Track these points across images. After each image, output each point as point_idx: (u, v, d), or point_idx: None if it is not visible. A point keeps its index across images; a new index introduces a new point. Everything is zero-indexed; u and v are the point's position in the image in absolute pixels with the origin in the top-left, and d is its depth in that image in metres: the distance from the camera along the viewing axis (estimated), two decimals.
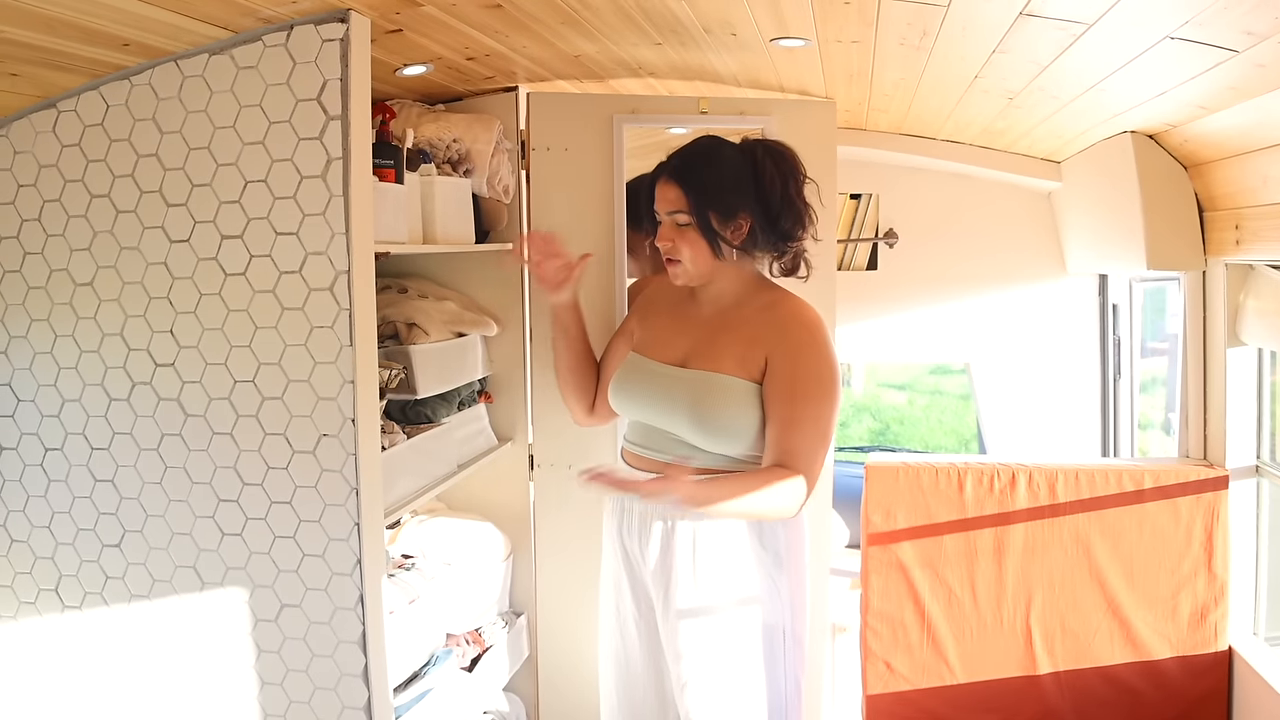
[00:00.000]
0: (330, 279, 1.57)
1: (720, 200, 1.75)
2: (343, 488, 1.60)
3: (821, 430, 1.72)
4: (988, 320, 3.25)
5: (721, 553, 1.79)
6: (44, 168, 1.67)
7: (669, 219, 1.79)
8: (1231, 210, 2.17)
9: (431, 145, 2.12)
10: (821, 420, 1.72)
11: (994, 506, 2.43)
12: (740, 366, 1.75)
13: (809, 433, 1.71)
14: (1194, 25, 1.43)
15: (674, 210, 1.77)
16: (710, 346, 1.80)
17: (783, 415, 1.71)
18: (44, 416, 1.72)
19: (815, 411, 1.72)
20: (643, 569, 1.87)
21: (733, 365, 1.76)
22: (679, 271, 1.81)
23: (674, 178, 1.78)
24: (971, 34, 1.75)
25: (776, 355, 1.73)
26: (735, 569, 1.79)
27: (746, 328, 1.78)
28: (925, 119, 2.74)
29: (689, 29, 1.89)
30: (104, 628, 1.73)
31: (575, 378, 2.07)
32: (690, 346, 1.83)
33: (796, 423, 1.70)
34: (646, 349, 1.90)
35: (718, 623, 1.80)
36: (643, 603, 1.90)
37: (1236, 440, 2.39)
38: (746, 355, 1.75)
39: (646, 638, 1.91)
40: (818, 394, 1.72)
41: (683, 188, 1.76)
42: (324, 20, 1.53)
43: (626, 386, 1.87)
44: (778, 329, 1.75)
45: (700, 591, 1.79)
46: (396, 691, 1.87)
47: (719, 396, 1.74)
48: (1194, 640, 2.38)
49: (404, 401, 2.08)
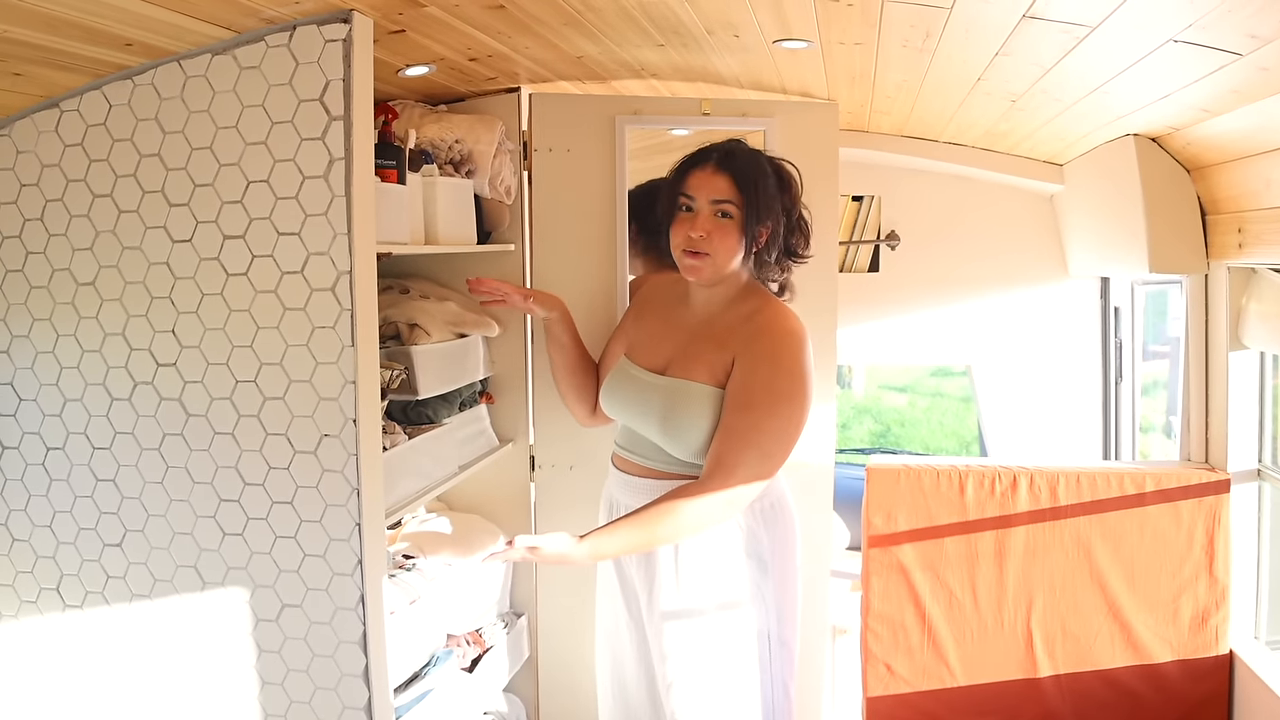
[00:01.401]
0: (332, 279, 1.57)
1: (764, 200, 1.73)
2: (344, 488, 1.60)
3: (756, 441, 1.68)
4: (989, 322, 3.24)
5: (704, 556, 1.79)
6: (46, 167, 1.67)
7: (711, 208, 1.74)
8: (1234, 213, 2.17)
9: (434, 146, 2.12)
10: (762, 431, 1.68)
11: (995, 509, 2.43)
12: (710, 373, 1.74)
13: (742, 441, 1.67)
14: (1198, 28, 1.43)
15: (721, 199, 1.73)
16: (688, 354, 1.79)
17: (725, 421, 1.70)
18: (45, 416, 1.72)
19: (756, 421, 1.68)
20: (630, 569, 1.88)
21: (704, 373, 1.75)
22: (703, 265, 1.75)
23: (726, 167, 1.74)
24: (975, 36, 1.75)
25: (739, 362, 1.72)
26: (718, 572, 1.80)
27: (721, 334, 1.77)
28: (928, 121, 2.74)
29: (691, 30, 1.89)
30: (105, 627, 1.72)
31: (574, 380, 2.09)
32: (673, 353, 1.82)
33: (734, 430, 1.68)
34: (635, 354, 1.91)
35: (701, 625, 1.80)
36: (632, 604, 1.91)
37: (1238, 444, 2.38)
38: (716, 361, 1.74)
39: (636, 638, 1.92)
40: (766, 404, 1.68)
41: (735, 180, 1.73)
42: (327, 20, 1.53)
43: (612, 393, 1.89)
44: (748, 336, 1.73)
45: (683, 594, 1.80)
46: (397, 692, 1.87)
47: (685, 405, 1.74)
48: (1195, 644, 2.38)
49: (405, 402, 2.08)
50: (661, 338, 1.86)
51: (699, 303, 1.84)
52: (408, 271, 2.36)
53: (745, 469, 1.67)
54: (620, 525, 1.70)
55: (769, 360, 1.70)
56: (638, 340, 1.92)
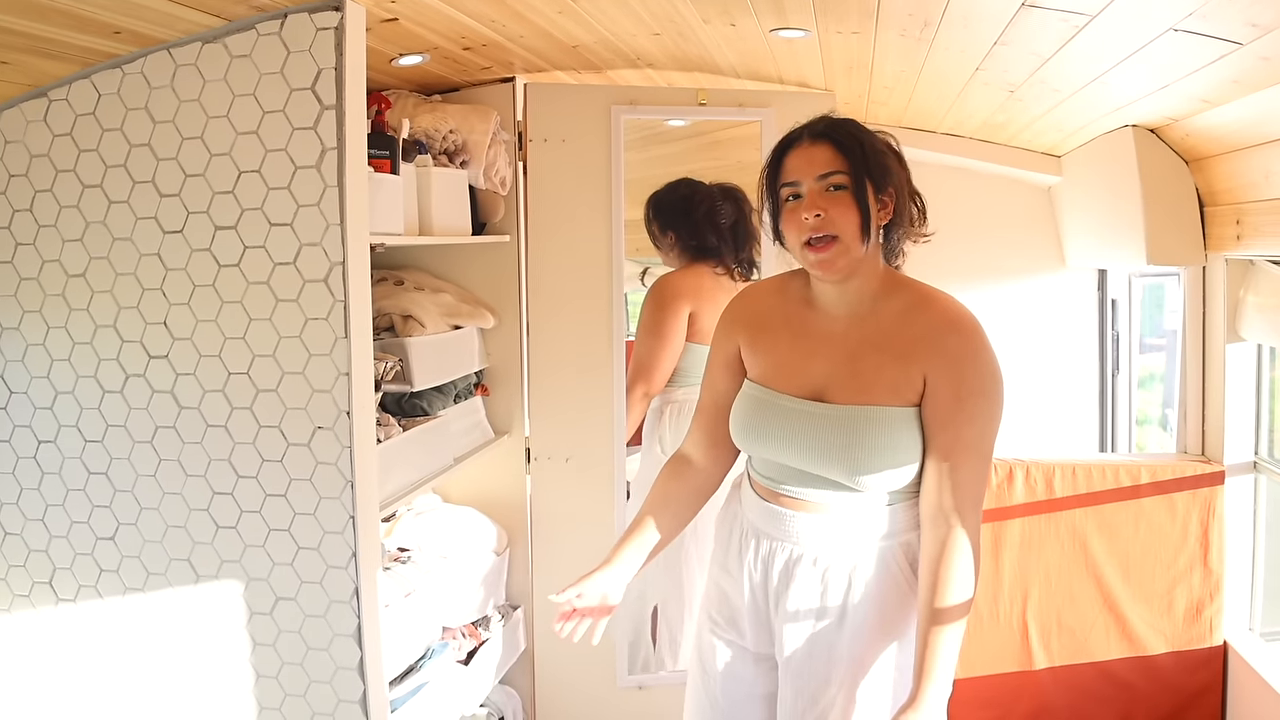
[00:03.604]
0: (325, 270, 1.56)
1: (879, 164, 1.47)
2: (338, 480, 1.59)
3: (988, 451, 1.48)
4: (986, 314, 3.22)
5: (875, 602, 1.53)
6: (35, 157, 1.65)
7: (818, 185, 1.45)
8: (1232, 205, 2.16)
9: (428, 136, 2.11)
10: (988, 440, 1.48)
11: (991, 501, 2.43)
12: (894, 393, 1.46)
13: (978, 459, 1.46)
14: (1198, 17, 1.42)
15: (828, 172, 1.45)
16: (854, 372, 1.49)
17: (945, 443, 1.45)
18: (37, 409, 1.70)
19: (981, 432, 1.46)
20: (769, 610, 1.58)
21: (886, 393, 1.47)
22: (833, 252, 1.45)
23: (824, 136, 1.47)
24: (973, 25, 1.73)
25: (935, 371, 1.45)
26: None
27: (893, 342, 1.48)
28: (925, 112, 2.73)
29: (687, 19, 1.87)
30: (98, 621, 1.72)
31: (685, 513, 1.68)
32: (826, 373, 1.51)
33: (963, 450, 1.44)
34: (770, 379, 1.55)
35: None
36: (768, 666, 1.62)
37: (1235, 436, 2.38)
38: (900, 378, 1.46)
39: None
40: (986, 410, 1.46)
41: (837, 146, 1.46)
42: (318, 8, 1.51)
43: (758, 430, 1.53)
44: (931, 338, 1.46)
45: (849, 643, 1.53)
46: (392, 685, 1.86)
47: (877, 437, 1.46)
48: (1189, 635, 2.38)
49: (400, 394, 2.07)
50: (803, 355, 1.53)
51: (838, 305, 1.53)
52: (402, 263, 2.35)
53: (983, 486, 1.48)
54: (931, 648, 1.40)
55: (969, 361, 1.46)
56: (770, 365, 1.56)
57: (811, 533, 1.51)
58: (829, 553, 1.50)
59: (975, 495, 1.46)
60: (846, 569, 1.50)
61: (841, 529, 1.49)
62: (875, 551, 1.50)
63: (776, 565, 1.53)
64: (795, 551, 1.51)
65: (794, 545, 1.52)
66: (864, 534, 1.49)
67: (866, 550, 1.49)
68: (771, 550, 1.54)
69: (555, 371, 2.40)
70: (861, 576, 1.50)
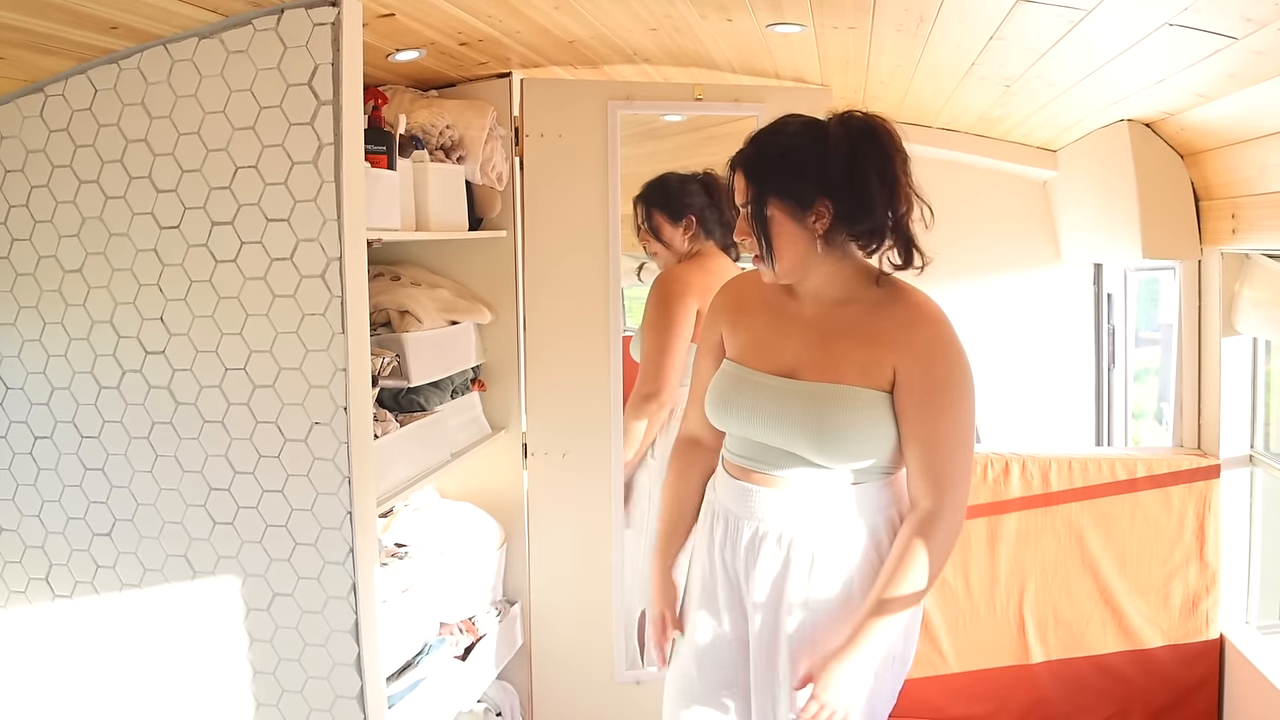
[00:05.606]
0: (322, 266, 1.56)
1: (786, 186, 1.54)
2: (335, 476, 1.59)
3: (965, 438, 1.56)
4: (981, 309, 3.24)
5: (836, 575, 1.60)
6: (31, 153, 1.65)
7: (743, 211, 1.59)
8: (1228, 199, 2.17)
9: (424, 131, 2.11)
10: (964, 428, 1.55)
11: (987, 495, 2.43)
12: (863, 375, 1.55)
13: (955, 446, 1.54)
14: (1193, 12, 1.42)
15: (743, 201, 1.59)
16: (824, 353, 1.58)
17: (923, 434, 1.53)
18: (33, 404, 1.70)
19: (956, 420, 1.54)
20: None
21: (854, 374, 1.55)
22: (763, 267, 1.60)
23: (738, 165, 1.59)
24: (969, 20, 1.74)
25: (905, 362, 1.54)
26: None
27: (863, 330, 1.57)
28: (921, 106, 2.73)
29: (684, 14, 1.87)
30: (95, 617, 1.72)
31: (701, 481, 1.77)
32: (798, 353, 1.60)
33: (940, 439, 1.53)
34: (746, 357, 1.65)
35: None
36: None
37: (1230, 429, 2.39)
38: (869, 362, 1.55)
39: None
40: (958, 400, 1.54)
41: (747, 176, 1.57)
42: (315, 4, 1.51)
43: (730, 404, 1.62)
44: (902, 330, 1.55)
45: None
46: (389, 680, 1.86)
47: (844, 412, 1.54)
48: (1185, 628, 2.39)
49: (397, 390, 2.07)
50: (777, 335, 1.63)
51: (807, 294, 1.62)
52: (399, 258, 2.35)
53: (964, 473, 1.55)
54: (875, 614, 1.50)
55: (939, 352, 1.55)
56: (747, 344, 1.67)
57: (776, 509, 1.58)
58: (791, 529, 1.57)
59: (955, 482, 1.53)
60: (809, 547, 1.57)
61: (805, 506, 1.56)
62: (840, 533, 1.56)
63: (743, 543, 1.60)
64: (760, 529, 1.59)
65: (759, 522, 1.59)
66: (828, 512, 1.56)
67: (830, 530, 1.56)
68: (739, 528, 1.61)
69: (552, 367, 2.40)
70: (825, 557, 1.57)
